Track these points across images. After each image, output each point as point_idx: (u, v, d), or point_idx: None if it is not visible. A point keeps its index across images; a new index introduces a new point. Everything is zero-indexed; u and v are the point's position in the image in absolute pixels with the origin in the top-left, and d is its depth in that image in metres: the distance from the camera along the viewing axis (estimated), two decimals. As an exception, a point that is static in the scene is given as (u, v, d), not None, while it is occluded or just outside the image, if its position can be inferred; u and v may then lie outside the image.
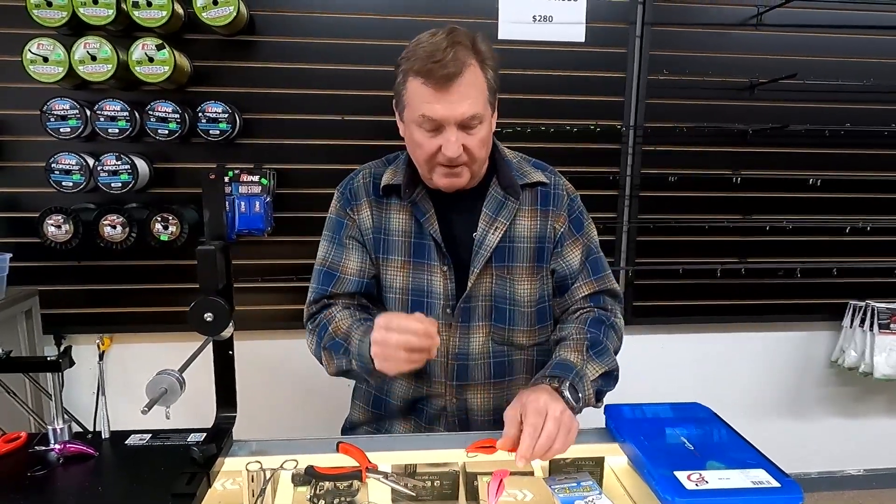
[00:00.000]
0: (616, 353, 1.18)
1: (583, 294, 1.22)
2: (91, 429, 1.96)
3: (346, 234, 1.22)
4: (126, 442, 0.99)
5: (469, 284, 1.17)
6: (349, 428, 1.36)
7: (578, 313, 1.22)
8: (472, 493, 1.00)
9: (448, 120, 1.05)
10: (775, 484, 0.85)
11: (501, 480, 0.87)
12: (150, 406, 0.80)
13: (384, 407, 1.27)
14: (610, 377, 1.13)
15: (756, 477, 0.86)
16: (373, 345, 0.99)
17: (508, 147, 1.29)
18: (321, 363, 1.18)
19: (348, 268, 1.20)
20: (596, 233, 1.28)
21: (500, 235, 1.17)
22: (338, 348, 1.10)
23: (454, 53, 1.02)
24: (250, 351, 2.09)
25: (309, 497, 0.95)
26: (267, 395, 2.17)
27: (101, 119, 1.82)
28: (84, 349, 2.05)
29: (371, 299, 1.23)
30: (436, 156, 1.09)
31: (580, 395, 1.03)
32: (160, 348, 2.10)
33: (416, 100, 1.06)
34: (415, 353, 0.95)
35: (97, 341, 2.00)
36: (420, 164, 1.14)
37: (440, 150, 1.07)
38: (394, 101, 1.16)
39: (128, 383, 2.08)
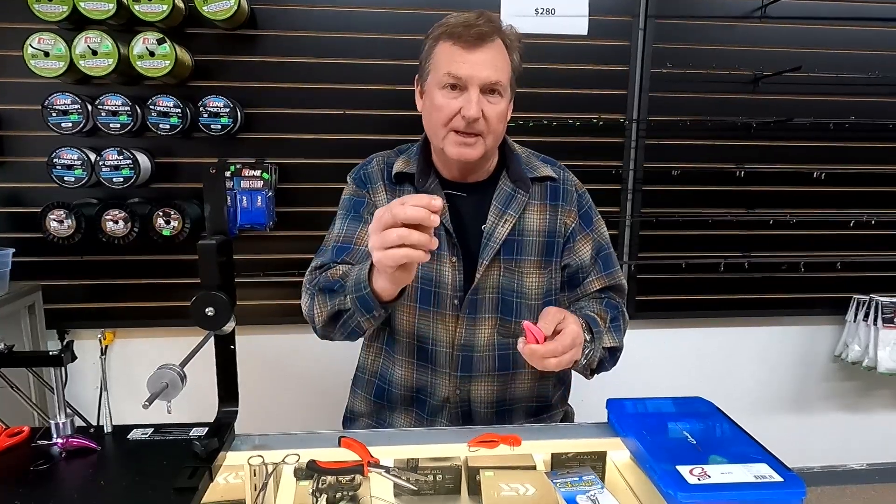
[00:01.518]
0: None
1: (595, 288, 1.26)
2: (95, 423, 1.97)
3: (364, 211, 1.22)
4: (128, 436, 0.99)
5: (477, 276, 1.17)
6: (349, 417, 1.36)
7: (590, 298, 1.26)
8: (474, 488, 1.00)
9: (472, 79, 1.07)
10: (778, 478, 0.85)
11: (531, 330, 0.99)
12: (150, 401, 0.80)
13: (385, 396, 1.27)
14: (614, 354, 1.20)
15: (759, 471, 0.86)
16: (371, 251, 0.89)
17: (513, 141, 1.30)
18: (313, 319, 1.13)
19: (364, 239, 1.17)
20: (605, 228, 1.30)
21: (509, 228, 1.18)
22: (332, 285, 1.08)
23: (485, 21, 1.08)
24: (253, 345, 2.10)
25: (311, 491, 0.95)
26: (269, 390, 2.17)
27: (103, 114, 1.82)
28: (88, 344, 2.06)
29: None
30: (453, 119, 1.10)
31: (588, 352, 1.10)
32: (163, 343, 2.11)
33: (443, 60, 1.09)
34: (415, 249, 0.84)
35: (98, 336, 2.01)
36: (435, 132, 1.14)
37: (459, 112, 1.08)
38: (416, 77, 1.19)
39: (131, 378, 2.08)
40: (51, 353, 0.94)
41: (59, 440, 0.95)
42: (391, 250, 0.85)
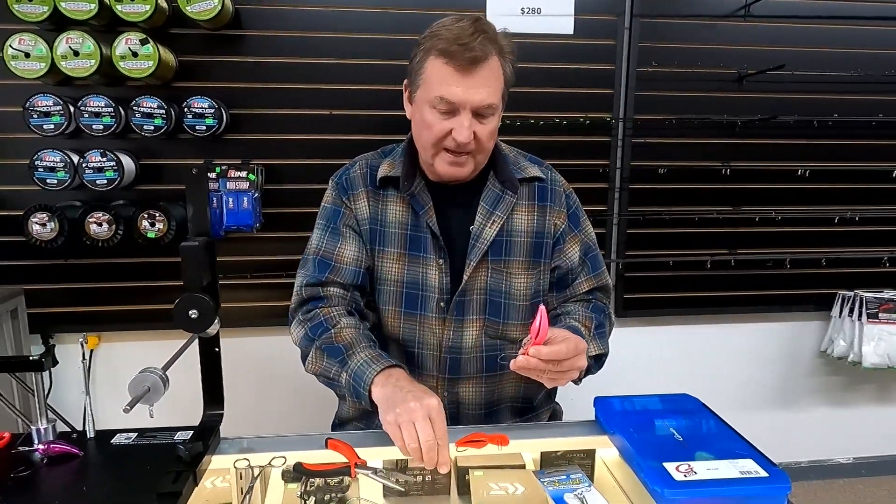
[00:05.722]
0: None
1: (584, 290, 1.25)
2: (81, 428, 1.94)
3: (342, 223, 1.20)
4: (111, 441, 0.98)
5: (464, 278, 1.17)
6: (338, 424, 1.35)
7: (578, 300, 1.26)
8: (464, 487, 0.99)
9: (465, 104, 1.05)
10: (763, 474, 0.85)
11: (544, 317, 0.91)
12: (132, 404, 0.79)
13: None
14: (601, 360, 1.18)
15: (744, 467, 0.87)
16: (400, 408, 0.92)
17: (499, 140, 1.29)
18: (303, 358, 1.14)
19: (344, 256, 1.18)
20: (591, 227, 1.30)
21: (497, 229, 1.17)
22: (335, 354, 1.07)
23: (481, 39, 1.03)
24: (240, 348, 2.08)
25: (299, 493, 0.95)
26: (256, 392, 2.16)
27: (86, 115, 1.79)
28: (73, 348, 2.02)
29: (363, 293, 1.22)
30: (444, 140, 1.09)
31: None
32: (151, 346, 2.08)
33: (434, 80, 1.06)
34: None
35: (80, 340, 1.98)
36: (425, 147, 1.13)
37: (450, 134, 1.07)
38: (406, 81, 1.16)
39: (118, 382, 2.05)
40: (31, 358, 0.93)
41: (41, 446, 0.93)
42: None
